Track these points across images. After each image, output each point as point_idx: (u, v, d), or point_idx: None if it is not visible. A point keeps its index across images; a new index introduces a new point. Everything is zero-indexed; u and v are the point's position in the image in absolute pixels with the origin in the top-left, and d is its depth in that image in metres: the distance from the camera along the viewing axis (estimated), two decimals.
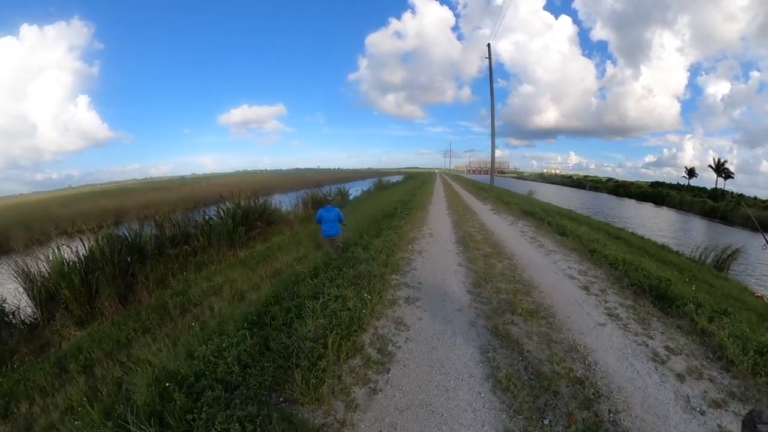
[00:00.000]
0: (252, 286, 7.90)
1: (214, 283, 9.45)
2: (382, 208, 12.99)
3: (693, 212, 40.53)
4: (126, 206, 25.55)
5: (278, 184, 49.30)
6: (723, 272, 12.19)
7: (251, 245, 14.16)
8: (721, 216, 36.60)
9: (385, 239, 6.32)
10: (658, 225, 28.95)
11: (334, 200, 22.98)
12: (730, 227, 31.96)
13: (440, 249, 6.06)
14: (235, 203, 15.81)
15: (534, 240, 7.09)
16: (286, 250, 11.41)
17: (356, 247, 5.91)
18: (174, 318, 7.09)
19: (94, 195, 37.85)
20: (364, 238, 6.67)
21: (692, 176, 61.30)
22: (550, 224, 8.69)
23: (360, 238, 6.84)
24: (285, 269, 8.58)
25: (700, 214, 39.47)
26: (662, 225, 29.51)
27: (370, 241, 6.23)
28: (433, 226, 8.14)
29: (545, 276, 5.00)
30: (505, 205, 12.95)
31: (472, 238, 6.73)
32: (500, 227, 8.23)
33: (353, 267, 4.84)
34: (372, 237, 6.83)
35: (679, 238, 23.36)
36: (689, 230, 29.12)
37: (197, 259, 12.54)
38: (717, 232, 28.09)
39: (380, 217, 9.61)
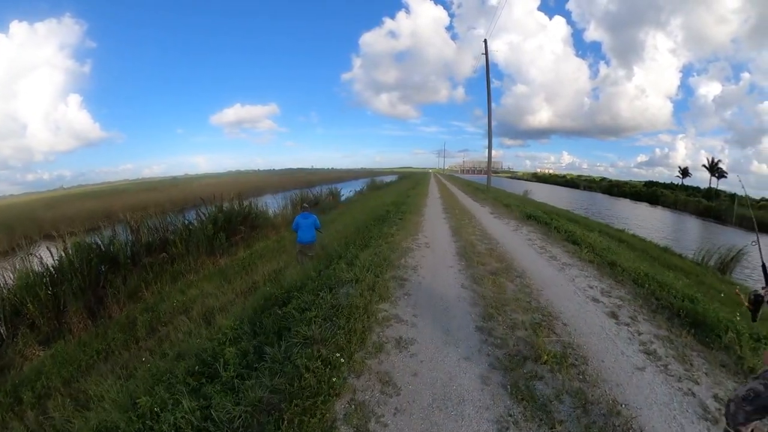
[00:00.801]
0: (223, 305, 7.10)
1: (188, 297, 8.64)
2: (373, 211, 12.10)
3: (688, 212, 40.42)
4: (113, 208, 24.52)
5: (270, 184, 48.39)
6: (727, 275, 11.60)
7: (233, 252, 13.19)
8: (715, 215, 36.55)
9: (374, 252, 5.43)
10: (655, 225, 28.58)
11: (325, 202, 22.11)
12: (724, 226, 31.86)
13: (439, 264, 5.18)
14: (217, 207, 14.83)
15: (544, 250, 6.24)
16: (267, 258, 10.47)
17: (339, 263, 5.01)
18: (140, 339, 6.43)
19: (82, 196, 36.61)
20: (350, 250, 5.78)
21: (686, 176, 61.38)
22: (557, 230, 7.88)
23: (345, 249, 5.94)
24: (262, 283, 7.74)
25: (695, 213, 39.38)
26: (659, 225, 29.12)
27: (357, 254, 5.33)
28: (430, 233, 7.29)
29: (566, 300, 4.16)
30: (505, 207, 12.13)
31: (474, 249, 5.87)
32: (504, 234, 7.40)
33: (332, 291, 3.95)
34: (359, 248, 5.94)
35: (678, 239, 22.92)
36: (686, 230, 28.83)
37: (174, 268, 11.60)
38: (714, 232, 27.84)
39: (371, 223, 8.71)
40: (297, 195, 20.14)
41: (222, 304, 7.21)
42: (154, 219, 14.49)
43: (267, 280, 7.70)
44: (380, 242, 6.08)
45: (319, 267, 5.45)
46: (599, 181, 73.31)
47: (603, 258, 5.88)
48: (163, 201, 28.76)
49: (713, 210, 38.54)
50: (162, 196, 30.64)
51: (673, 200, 43.71)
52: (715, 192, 45.45)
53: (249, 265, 10.13)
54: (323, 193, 23.64)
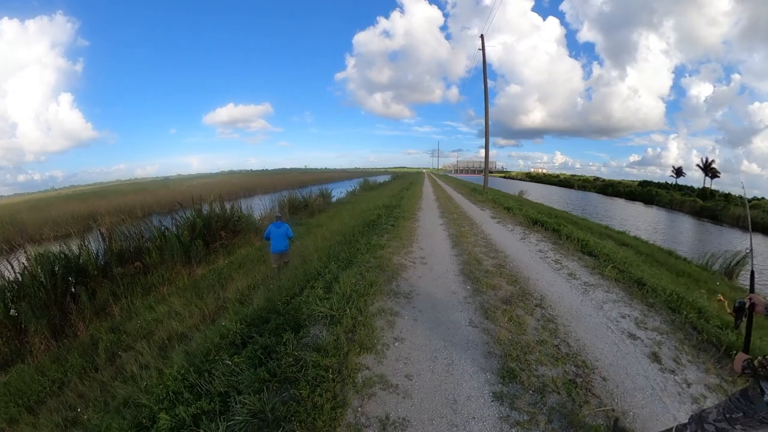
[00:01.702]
0: (187, 330, 6.22)
1: (155, 316, 7.83)
2: (363, 215, 11.17)
3: (683, 211, 40.27)
4: (98, 211, 23.36)
5: (260, 185, 47.41)
6: (733, 280, 11.22)
7: (212, 260, 12.18)
8: (710, 215, 36.44)
9: (358, 272, 4.50)
10: (653, 226, 28.24)
11: (315, 204, 21.10)
12: (720, 226, 31.70)
13: (439, 289, 4.21)
14: (195, 211, 13.78)
15: (560, 265, 5.36)
16: (246, 269, 9.49)
17: (316, 286, 4.08)
18: (99, 367, 5.79)
19: (69, 198, 35.30)
20: (329, 268, 4.85)
21: (680, 175, 61.41)
22: (568, 238, 7.04)
23: (326, 266, 5.01)
24: (233, 301, 6.85)
25: (691, 213, 39.26)
26: (659, 227, 28.79)
27: (337, 275, 4.40)
28: (426, 243, 6.35)
29: (599, 338, 3.30)
30: (506, 211, 11.24)
31: (480, 267, 4.93)
32: (511, 244, 6.49)
33: (299, 333, 3.04)
34: (342, 265, 5.01)
35: (679, 240, 22.50)
36: (685, 231, 28.48)
37: (146, 279, 10.62)
38: (712, 233, 27.57)
39: (359, 230, 7.77)
40: (285, 197, 19.09)
41: (186, 329, 6.46)
42: (128, 225, 13.41)
43: (238, 299, 6.82)
44: (368, 257, 5.15)
45: (293, 288, 4.51)
46: (593, 180, 73.11)
47: (627, 275, 5.04)
48: (150, 203, 27.66)
49: (709, 210, 38.43)
50: (150, 198, 29.53)
51: (669, 200, 43.53)
52: (710, 192, 45.32)
53: (225, 277, 9.19)
54: (313, 195, 22.61)
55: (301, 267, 5.49)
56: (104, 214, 23.74)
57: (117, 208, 24.58)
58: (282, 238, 6.96)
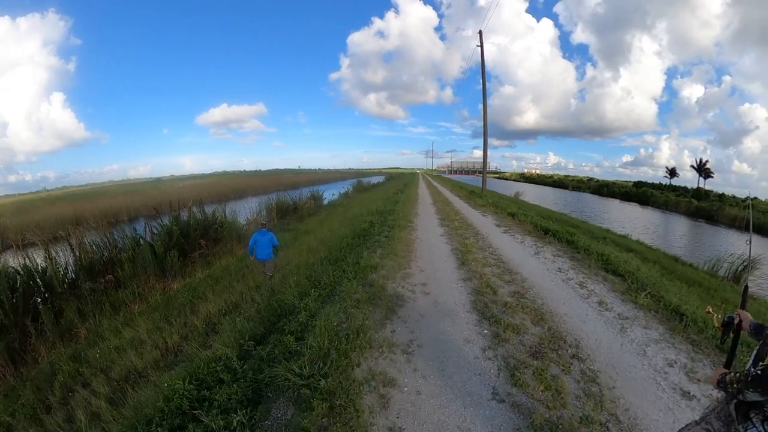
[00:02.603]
0: (147, 365, 5.30)
1: (121, 342, 6.89)
2: (355, 221, 10.20)
3: (678, 212, 40.07)
4: (84, 214, 22.09)
5: (252, 186, 46.28)
6: (741, 285, 11.38)
7: (189, 272, 11.12)
8: (706, 215, 36.30)
9: (342, 308, 3.55)
10: (652, 228, 27.85)
11: (305, 207, 20.06)
12: (716, 227, 31.49)
13: (448, 337, 3.23)
14: (173, 217, 12.69)
15: (586, 291, 4.47)
16: (224, 285, 8.44)
17: (284, 334, 3.13)
18: (51, 406, 5.16)
19: (57, 200, 33.95)
20: (306, 301, 3.89)
21: (673, 176, 61.35)
22: (587, 253, 6.20)
23: (301, 298, 4.05)
24: (201, 329, 5.90)
25: (686, 214, 39.09)
26: (657, 229, 28.44)
27: (315, 312, 3.44)
28: (427, 262, 5.36)
29: (651, 404, 2.54)
30: (510, 217, 10.33)
31: (495, 296, 4.05)
32: (525, 262, 5.56)
33: (254, 413, 2.09)
34: (323, 297, 4.05)
35: (679, 243, 22.05)
36: (683, 233, 28.11)
37: (117, 295, 9.58)
38: (710, 234, 27.25)
39: (348, 242, 6.79)
40: (272, 201, 18.02)
41: (146, 364, 5.55)
42: (103, 232, 12.26)
43: (204, 330, 5.84)
44: (355, 285, 4.19)
45: (258, 329, 3.55)
46: (587, 181, 72.91)
47: (663, 302, 4.22)
48: (138, 205, 26.28)
49: (704, 210, 38.28)
50: (139, 200, 28.18)
51: (664, 201, 43.30)
52: (705, 192, 45.19)
53: (198, 296, 8.17)
54: (304, 198, 21.56)
55: (273, 296, 4.50)
56: (89, 218, 22.51)
57: (103, 211, 23.33)
58: (266, 246, 6.95)
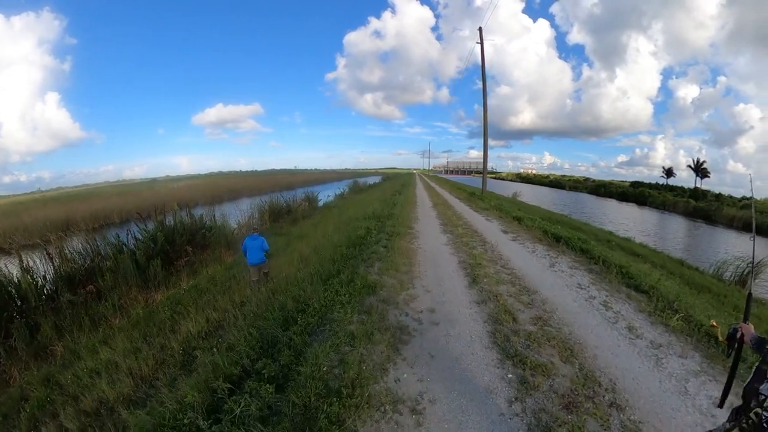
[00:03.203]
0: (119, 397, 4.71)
1: (96, 364, 5.82)
2: (350, 226, 9.54)
3: (676, 212, 39.88)
4: (75, 216, 21.17)
5: (247, 187, 45.42)
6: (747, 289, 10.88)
7: (174, 282, 10.38)
8: (704, 216, 36.13)
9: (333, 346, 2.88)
10: (652, 230, 27.53)
11: (299, 209, 19.34)
12: (714, 227, 31.31)
13: (465, 389, 2.54)
14: (158, 222, 11.93)
15: (612, 313, 3.83)
16: (206, 300, 7.73)
17: (263, 381, 2.47)
18: None
19: (49, 201, 32.70)
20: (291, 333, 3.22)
21: (670, 176, 61.27)
22: (605, 264, 5.63)
23: (284, 329, 3.38)
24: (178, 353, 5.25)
25: (684, 214, 38.91)
26: (658, 230, 28.07)
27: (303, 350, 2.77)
28: (433, 279, 4.73)
29: None
30: (517, 222, 9.69)
31: (516, 324, 3.46)
32: (541, 277, 4.90)
33: None
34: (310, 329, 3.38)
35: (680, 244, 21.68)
36: (683, 234, 27.80)
37: (96, 309, 8.85)
38: (710, 235, 26.99)
39: (342, 252, 6.09)
40: (265, 204, 17.28)
41: (117, 396, 4.93)
42: (83, 239, 11.45)
43: (182, 354, 5.17)
44: (350, 314, 3.49)
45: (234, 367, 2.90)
46: (583, 181, 72.72)
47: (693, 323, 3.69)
48: (130, 207, 25.31)
49: (702, 210, 38.12)
50: (131, 201, 27.17)
51: (662, 201, 43.08)
52: (702, 192, 45.05)
53: (180, 311, 7.47)
54: (298, 199, 20.84)
55: (254, 322, 3.82)
56: (79, 221, 21.62)
57: (95, 212, 22.40)
58: (258, 251, 6.96)
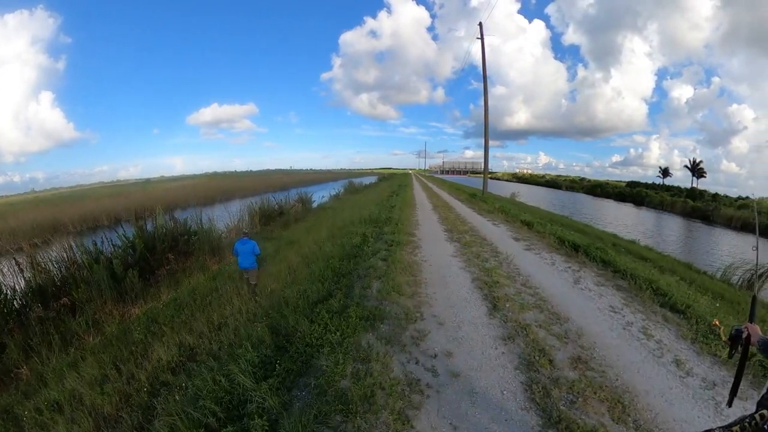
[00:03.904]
0: None
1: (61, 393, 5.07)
2: (344, 234, 8.77)
3: (674, 212, 39.65)
4: (63, 219, 20.11)
5: (240, 188, 44.43)
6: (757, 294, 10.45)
7: (153, 294, 9.54)
8: (701, 216, 35.93)
9: (320, 414, 2.15)
10: (654, 231, 27.17)
11: (292, 211, 18.52)
12: (713, 227, 31.09)
13: None
14: (138, 228, 11.07)
15: (654, 343, 3.14)
16: (185, 316, 6.93)
17: None
18: None
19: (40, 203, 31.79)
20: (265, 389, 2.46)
21: (666, 175, 61.27)
22: (632, 278, 4.99)
23: (257, 381, 2.62)
24: (143, 391, 4.49)
25: (682, 214, 38.69)
26: (660, 232, 27.67)
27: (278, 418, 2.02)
28: (444, 304, 3.99)
29: None
30: (526, 228, 8.96)
31: (552, 369, 2.76)
32: (569, 298, 4.26)
33: None
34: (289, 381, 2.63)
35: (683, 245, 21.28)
36: (684, 235, 27.45)
37: (68, 325, 8.04)
38: (709, 235, 26.71)
39: (335, 267, 5.31)
40: (256, 206, 16.43)
41: None
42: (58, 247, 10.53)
43: (149, 391, 4.39)
44: (341, 363, 2.69)
45: None
46: (580, 181, 72.47)
47: None
48: (120, 209, 24.32)
49: (700, 211, 37.90)
50: (122, 203, 26.01)
51: (659, 201, 42.83)
52: (699, 192, 44.87)
53: (156, 331, 6.66)
54: (291, 201, 19.99)
55: (222, 370, 3.03)
56: (68, 223, 20.62)
57: (83, 215, 21.36)
58: (248, 256, 6.91)
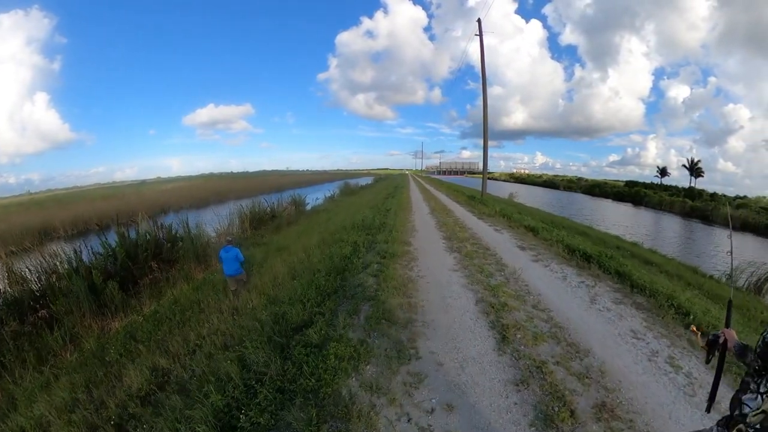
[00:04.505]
0: None
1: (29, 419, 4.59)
2: (335, 241, 8.26)
3: (673, 212, 39.46)
4: (53, 222, 19.49)
5: (235, 189, 43.86)
6: (765, 297, 9.89)
7: (134, 306, 8.98)
8: (700, 216, 35.80)
9: None
10: (655, 232, 26.86)
11: (284, 214, 17.98)
12: (712, 227, 30.92)
13: None
14: (119, 236, 10.50)
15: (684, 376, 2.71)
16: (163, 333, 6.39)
17: None
18: None
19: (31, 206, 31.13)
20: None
21: (664, 175, 61.20)
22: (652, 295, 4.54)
23: None
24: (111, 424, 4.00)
25: (680, 214, 38.52)
26: (660, 232, 27.36)
27: None
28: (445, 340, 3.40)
29: None
30: (531, 233, 8.41)
31: (575, 424, 2.27)
32: (587, 322, 3.80)
33: None
34: None
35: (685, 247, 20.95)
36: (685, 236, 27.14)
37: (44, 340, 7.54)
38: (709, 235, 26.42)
39: (320, 285, 4.74)
40: (246, 210, 15.88)
41: None
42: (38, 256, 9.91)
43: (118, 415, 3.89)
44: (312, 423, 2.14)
45: None
46: (577, 180, 72.20)
47: None
48: (110, 212, 23.74)
49: (699, 210, 37.77)
50: (113, 206, 25.43)
51: (658, 201, 42.60)
52: (698, 192, 44.70)
53: (132, 349, 6.14)
54: (284, 204, 19.45)
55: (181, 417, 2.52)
56: (57, 227, 19.98)
57: (73, 219, 20.72)
58: (232, 262, 6.93)
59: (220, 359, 3.49)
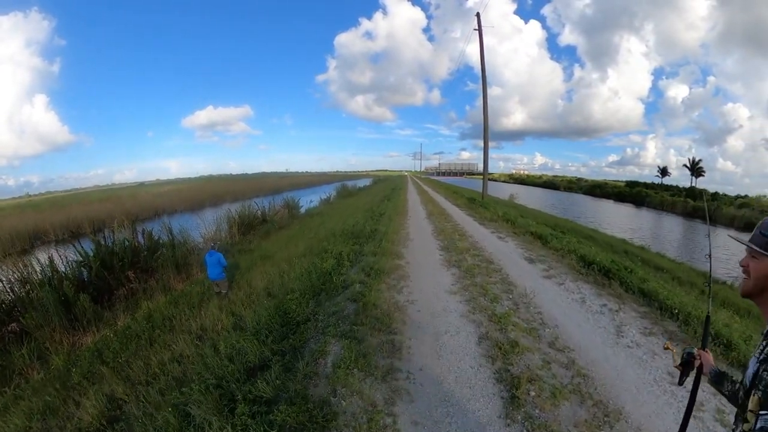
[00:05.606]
0: None
1: None
2: (322, 249, 7.66)
3: (675, 213, 38.95)
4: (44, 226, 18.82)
5: (231, 191, 43.25)
6: None
7: (108, 319, 8.36)
8: (703, 216, 35.29)
9: None
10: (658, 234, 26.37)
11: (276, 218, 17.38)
12: (714, 227, 30.33)
13: None
14: (95, 243, 9.88)
15: None
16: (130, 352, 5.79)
17: None
18: None
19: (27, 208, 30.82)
20: None
21: (665, 175, 60.69)
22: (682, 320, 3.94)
23: None
24: None
25: (682, 214, 38.02)
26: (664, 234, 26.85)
27: None
28: (436, 401, 2.62)
29: None
30: (539, 242, 7.73)
31: None
32: (614, 365, 3.10)
33: None
34: None
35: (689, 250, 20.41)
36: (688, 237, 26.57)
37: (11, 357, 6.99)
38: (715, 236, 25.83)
39: (286, 316, 4.08)
40: (235, 213, 15.26)
41: None
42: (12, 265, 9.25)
43: None
44: None
45: None
46: (577, 181, 71.61)
47: None
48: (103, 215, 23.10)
49: (701, 210, 37.26)
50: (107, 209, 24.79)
51: (659, 201, 42.05)
52: (699, 192, 44.15)
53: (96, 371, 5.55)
54: (276, 207, 18.83)
55: None
56: (49, 230, 19.38)
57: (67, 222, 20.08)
58: (215, 266, 7.09)
59: (164, 404, 2.89)
